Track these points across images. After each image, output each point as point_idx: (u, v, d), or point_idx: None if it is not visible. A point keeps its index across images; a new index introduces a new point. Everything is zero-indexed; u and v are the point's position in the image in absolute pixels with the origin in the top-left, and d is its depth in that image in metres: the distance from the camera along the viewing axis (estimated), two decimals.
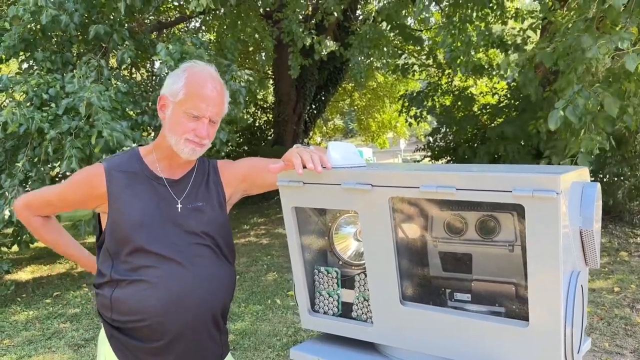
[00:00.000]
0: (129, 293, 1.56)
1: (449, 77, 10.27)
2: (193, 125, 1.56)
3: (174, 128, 1.57)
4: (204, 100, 1.56)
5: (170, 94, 1.59)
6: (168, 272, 1.56)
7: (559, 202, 1.11)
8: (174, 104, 1.58)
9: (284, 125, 13.02)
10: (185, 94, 1.56)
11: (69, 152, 4.53)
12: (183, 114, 1.56)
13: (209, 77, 1.60)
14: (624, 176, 8.23)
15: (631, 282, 5.42)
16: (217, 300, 1.65)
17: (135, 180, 1.62)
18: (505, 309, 1.37)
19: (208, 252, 1.64)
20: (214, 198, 1.71)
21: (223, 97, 1.63)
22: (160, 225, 1.59)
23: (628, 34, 3.62)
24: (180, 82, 1.57)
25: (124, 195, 1.59)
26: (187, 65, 1.63)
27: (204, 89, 1.57)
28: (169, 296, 1.55)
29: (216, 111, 1.60)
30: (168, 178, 1.65)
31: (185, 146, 1.57)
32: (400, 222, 1.49)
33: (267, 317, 4.86)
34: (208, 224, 1.66)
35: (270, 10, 9.12)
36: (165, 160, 1.65)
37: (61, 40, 5.82)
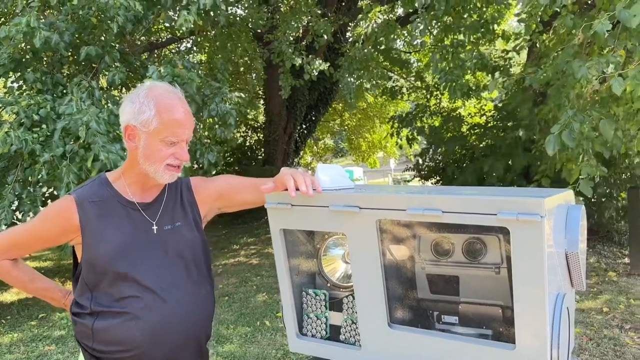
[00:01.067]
0: (112, 324, 1.54)
1: (437, 99, 10.39)
2: (172, 151, 1.56)
3: (152, 156, 1.55)
4: (179, 126, 1.55)
5: (141, 124, 1.54)
6: (151, 301, 1.55)
7: (543, 225, 1.13)
8: (148, 134, 1.54)
9: (275, 145, 13.04)
10: (160, 123, 1.53)
11: (67, 179, 4.51)
12: (160, 142, 1.54)
13: (177, 100, 1.58)
14: (612, 197, 8.32)
15: (620, 303, 5.43)
16: (199, 326, 1.64)
17: (107, 209, 1.59)
18: (492, 331, 1.37)
19: (187, 274, 1.64)
20: (190, 217, 1.70)
21: (191, 114, 1.62)
22: (139, 252, 1.58)
23: (615, 57, 3.70)
24: (151, 111, 1.53)
25: (98, 225, 1.57)
26: (147, 89, 1.57)
27: (177, 114, 1.55)
28: (153, 327, 1.54)
29: (190, 132, 1.60)
30: (140, 202, 1.63)
31: (165, 173, 1.57)
32: (388, 244, 1.49)
33: (256, 340, 4.81)
34: (187, 244, 1.66)
35: (261, 32, 9.21)
36: (137, 185, 1.64)
37: (52, 61, 5.82)
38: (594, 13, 4.30)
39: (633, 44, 3.70)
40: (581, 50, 4.51)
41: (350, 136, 20.10)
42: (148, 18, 5.96)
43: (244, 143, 14.70)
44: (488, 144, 8.67)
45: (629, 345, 4.32)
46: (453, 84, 6.45)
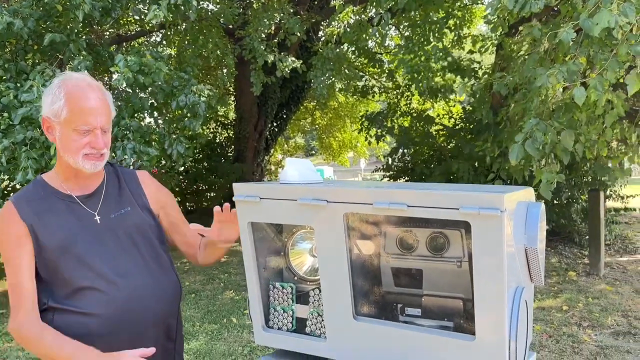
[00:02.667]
0: (70, 321, 1.52)
1: (407, 99, 10.52)
2: (86, 140, 1.52)
3: (69, 148, 1.53)
4: (90, 113, 1.52)
5: (54, 115, 1.52)
6: (107, 290, 1.53)
7: (503, 219, 1.17)
8: (60, 124, 1.52)
9: (245, 142, 12.97)
10: (70, 112, 1.50)
11: (24, 163, 4.39)
12: (73, 132, 1.52)
13: (87, 87, 1.54)
14: (574, 199, 8.58)
15: (579, 301, 5.61)
16: (163, 311, 1.63)
17: (47, 205, 1.57)
18: (453, 323, 1.41)
19: (143, 259, 1.62)
20: (139, 203, 1.69)
21: (107, 102, 1.58)
22: (87, 242, 1.56)
23: (576, 65, 3.82)
24: (60, 101, 1.51)
25: (40, 223, 1.54)
26: (60, 80, 1.55)
27: (87, 101, 1.52)
28: (112, 318, 1.53)
29: (105, 119, 1.56)
30: (80, 195, 1.61)
31: (85, 163, 1.54)
32: (354, 239, 1.52)
33: (222, 337, 4.79)
34: (138, 229, 1.64)
35: (233, 28, 9.15)
36: (72, 180, 1.61)
37: (15, 48, 5.67)
38: (559, 20, 4.43)
39: (594, 52, 3.82)
40: (546, 57, 4.63)
41: (321, 135, 20.14)
42: (116, 9, 5.85)
43: (214, 139, 14.57)
44: (456, 146, 8.82)
45: (586, 342, 4.47)
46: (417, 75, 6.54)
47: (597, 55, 3.72)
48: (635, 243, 8.94)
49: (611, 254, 8.03)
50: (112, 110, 1.61)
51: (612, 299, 5.69)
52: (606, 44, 3.85)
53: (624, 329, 4.76)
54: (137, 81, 4.96)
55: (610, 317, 5.08)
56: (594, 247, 6.94)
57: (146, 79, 5.01)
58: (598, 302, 5.56)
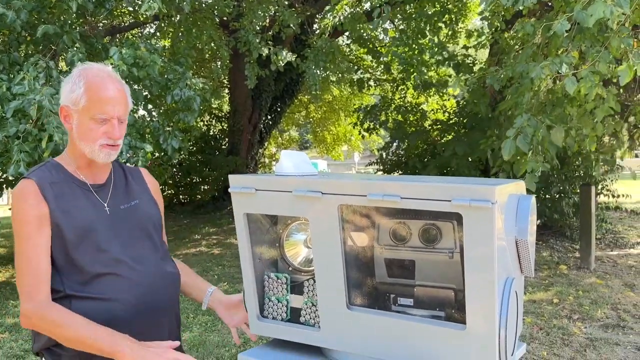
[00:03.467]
0: (90, 308, 1.50)
1: (401, 93, 10.54)
2: (104, 129, 1.54)
3: (85, 136, 1.55)
4: (108, 102, 1.54)
5: (72, 103, 1.55)
6: (127, 277, 1.55)
7: (495, 211, 1.19)
8: (78, 112, 1.54)
9: (239, 135, 12.97)
10: (88, 100, 1.53)
11: (17, 157, 4.38)
12: (91, 120, 1.54)
13: (107, 77, 1.58)
14: (566, 194, 8.65)
15: (569, 294, 5.68)
16: (173, 297, 1.68)
17: (65, 190, 1.57)
18: (445, 313, 1.43)
19: (154, 249, 1.66)
20: (147, 195, 1.73)
21: (125, 94, 1.61)
22: (105, 229, 1.57)
23: (569, 58, 3.85)
24: (80, 89, 1.53)
25: (61, 207, 1.53)
26: (80, 69, 1.58)
27: (106, 91, 1.54)
28: (136, 302, 1.54)
29: (122, 110, 1.58)
30: (93, 184, 1.63)
31: (100, 152, 1.56)
32: (349, 230, 1.54)
33: (216, 328, 4.82)
34: (148, 220, 1.68)
35: (227, 20, 9.12)
36: (87, 168, 1.62)
37: (8, 40, 5.63)
38: (552, 15, 4.45)
39: (586, 46, 3.85)
40: (539, 51, 4.66)
41: (316, 128, 20.15)
42: (110, 0, 5.82)
43: (208, 132, 14.55)
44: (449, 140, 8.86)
45: (576, 334, 4.53)
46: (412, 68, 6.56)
47: (589, 50, 3.75)
48: (625, 237, 9.03)
49: (602, 248, 8.12)
50: (129, 102, 1.63)
51: (602, 292, 5.76)
52: (598, 39, 3.89)
53: (614, 322, 4.83)
54: (131, 74, 4.95)
55: (600, 310, 5.15)
56: (585, 241, 7.01)
57: (140, 72, 5.00)
58: (588, 295, 5.63)
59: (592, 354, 4.12)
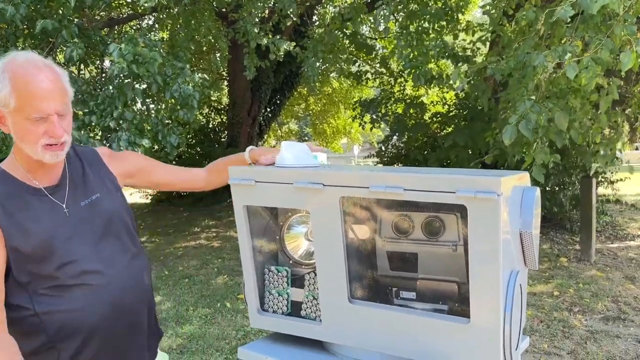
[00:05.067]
0: (64, 322, 1.44)
1: (401, 86, 10.49)
2: (42, 129, 1.38)
3: (25, 139, 1.40)
4: (42, 98, 1.36)
5: (1, 104, 1.37)
6: (95, 285, 1.47)
7: (500, 203, 1.17)
8: (11, 114, 1.38)
9: (239, 128, 12.91)
10: (17, 99, 1.35)
11: None
12: (26, 122, 1.37)
13: (33, 68, 1.38)
14: (565, 186, 8.63)
15: (570, 287, 5.67)
16: (147, 288, 1.63)
17: (19, 204, 1.44)
18: (448, 306, 1.42)
19: (121, 246, 1.56)
20: (107, 185, 1.61)
21: (60, 82, 1.42)
22: (65, 239, 1.46)
23: (571, 47, 3.81)
24: (6, 88, 1.35)
25: (14, 224, 1.41)
26: (4, 62, 1.39)
27: (36, 85, 1.36)
28: (109, 307, 1.48)
29: (59, 103, 1.40)
30: (47, 186, 1.50)
31: (44, 153, 1.40)
32: (350, 223, 1.51)
33: (216, 321, 4.81)
34: (111, 214, 1.56)
35: (226, 11, 9.05)
36: (38, 170, 1.48)
37: (6, 34, 5.58)
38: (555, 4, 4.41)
39: (590, 36, 3.81)
40: (541, 42, 4.62)
41: (315, 121, 20.09)
42: None
43: (207, 125, 14.49)
44: (449, 132, 8.83)
45: (576, 327, 4.52)
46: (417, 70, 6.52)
47: (593, 39, 3.71)
48: (626, 230, 9.02)
49: (602, 241, 8.11)
50: (67, 90, 1.45)
51: (603, 284, 5.75)
52: (601, 29, 3.85)
53: (614, 314, 4.82)
54: (131, 71, 4.90)
55: (601, 302, 5.14)
56: (585, 234, 7.00)
57: (140, 69, 4.96)
58: (589, 288, 5.62)
59: (592, 346, 4.11)
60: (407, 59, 6.56)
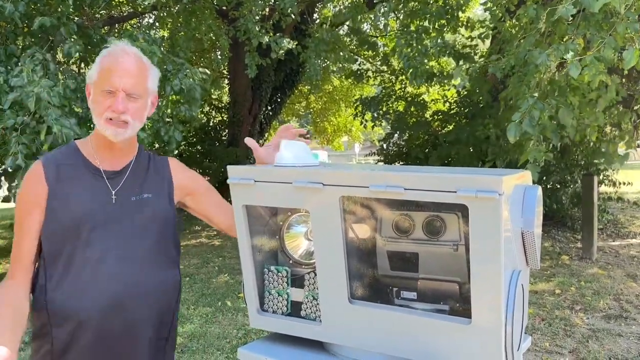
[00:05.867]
0: (64, 305, 1.47)
1: (402, 84, 10.47)
2: (108, 102, 1.49)
3: (95, 110, 1.52)
4: (116, 74, 1.49)
5: (89, 78, 1.55)
6: (105, 278, 1.49)
7: (501, 202, 1.15)
8: (92, 87, 1.54)
9: (239, 126, 12.89)
10: (99, 73, 1.51)
11: (14, 149, 4.34)
12: (99, 94, 1.50)
13: (121, 51, 1.53)
14: (566, 184, 8.61)
15: (571, 285, 5.66)
16: (158, 304, 1.59)
17: (74, 173, 1.54)
18: (449, 306, 1.40)
19: (151, 249, 1.58)
20: (165, 191, 1.65)
21: (143, 70, 1.55)
22: (99, 224, 1.51)
23: (573, 45, 3.80)
24: (96, 64, 1.54)
25: (61, 189, 1.50)
26: (105, 49, 1.58)
27: (115, 64, 1.50)
28: (108, 305, 1.49)
29: (132, 82, 1.50)
30: (108, 170, 1.58)
31: (106, 128, 1.51)
32: (350, 222, 1.50)
33: (217, 320, 4.80)
34: (154, 218, 1.60)
35: (226, 9, 9.03)
36: (105, 151, 1.58)
37: (5, 32, 5.57)
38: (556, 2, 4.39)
39: (592, 34, 3.79)
40: (543, 40, 4.60)
41: (316, 119, 20.07)
42: None
43: (208, 123, 14.48)
44: (450, 130, 8.81)
45: (578, 325, 4.51)
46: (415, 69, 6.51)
47: (595, 37, 3.70)
48: (628, 227, 9.01)
49: (604, 238, 8.09)
50: (148, 80, 1.57)
51: (605, 282, 5.74)
52: (603, 27, 3.83)
53: (616, 313, 4.81)
54: None
55: (603, 300, 5.13)
56: (587, 232, 6.98)
57: None
58: (590, 286, 5.61)
59: (594, 344, 4.10)
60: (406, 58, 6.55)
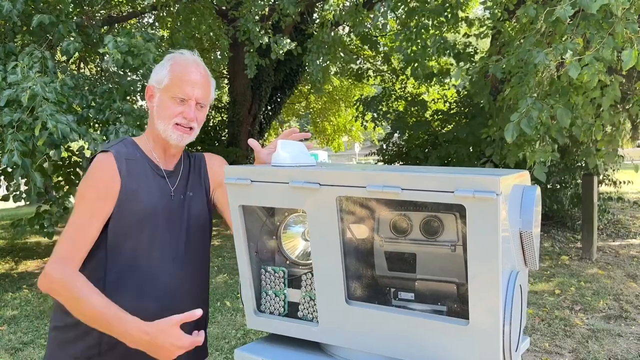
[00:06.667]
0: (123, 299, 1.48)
1: (402, 83, 10.46)
2: (180, 109, 1.57)
3: (162, 114, 1.58)
4: (189, 83, 1.58)
5: (156, 81, 1.61)
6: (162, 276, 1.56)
7: (499, 203, 1.14)
8: (160, 90, 1.59)
9: (239, 126, 12.89)
10: (171, 79, 1.58)
11: (10, 145, 4.33)
12: (170, 99, 1.57)
13: (193, 62, 1.62)
14: (566, 184, 8.60)
15: (571, 285, 5.65)
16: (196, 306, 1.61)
17: (139, 169, 1.59)
18: (447, 307, 1.39)
19: (193, 246, 1.65)
20: (203, 189, 1.72)
21: (209, 81, 1.65)
22: (162, 218, 1.58)
23: (573, 45, 3.79)
24: (165, 69, 1.59)
25: (131, 184, 1.55)
26: (172, 54, 1.66)
27: (188, 73, 1.59)
28: (162, 302, 1.55)
29: (202, 94, 1.61)
30: (165, 169, 1.65)
31: (173, 132, 1.58)
32: (347, 222, 1.49)
33: (216, 320, 4.79)
34: (197, 216, 1.67)
35: (226, 9, 9.02)
36: (160, 150, 1.65)
37: (4, 30, 5.57)
38: (555, 2, 4.38)
39: (591, 33, 3.78)
40: (543, 40, 4.60)
41: (316, 119, 20.06)
42: None
43: (207, 123, 14.47)
44: (450, 130, 8.80)
45: (578, 325, 4.50)
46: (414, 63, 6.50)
47: (594, 36, 3.69)
48: (628, 227, 9.00)
49: (603, 239, 8.08)
50: (211, 92, 1.66)
51: (604, 283, 5.73)
52: (602, 26, 3.82)
53: (616, 313, 4.80)
54: (126, 63, 4.89)
55: (602, 300, 5.12)
56: (587, 232, 6.97)
57: (135, 61, 4.94)
58: (590, 286, 5.60)
59: (594, 345, 4.09)
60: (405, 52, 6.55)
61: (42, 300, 5.51)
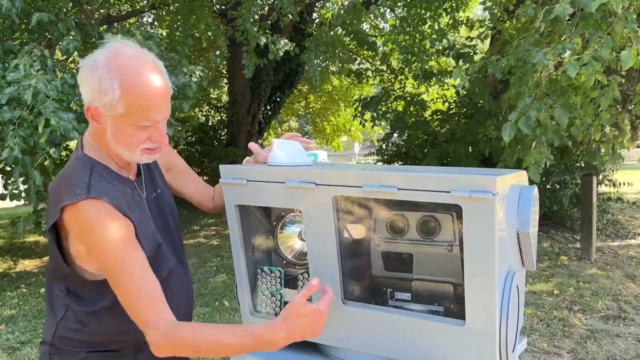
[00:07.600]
0: None
1: (401, 83, 10.45)
2: (146, 135, 1.30)
3: (124, 141, 1.31)
4: (153, 107, 1.27)
5: (104, 107, 1.25)
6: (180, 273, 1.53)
7: (495, 203, 1.14)
8: (113, 117, 1.27)
9: (238, 126, 12.87)
10: (128, 107, 1.24)
11: (11, 142, 4.32)
12: (130, 127, 1.28)
13: (148, 71, 1.27)
14: (566, 184, 8.59)
15: (570, 285, 5.64)
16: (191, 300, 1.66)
17: (128, 197, 1.38)
18: (443, 308, 1.39)
19: (177, 242, 1.58)
20: (163, 180, 1.60)
21: (167, 83, 1.32)
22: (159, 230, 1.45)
23: (571, 44, 3.79)
24: (115, 92, 1.23)
25: (131, 213, 1.35)
26: (108, 58, 1.26)
27: (149, 92, 1.25)
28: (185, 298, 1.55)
29: (167, 108, 1.32)
30: (130, 177, 1.45)
31: (142, 156, 1.34)
32: (344, 222, 1.49)
33: (214, 320, 4.79)
34: (170, 210, 1.57)
35: (225, 8, 9.01)
36: (122, 162, 1.42)
37: (3, 28, 5.56)
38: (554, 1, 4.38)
39: (590, 33, 3.78)
40: (542, 40, 4.59)
41: (315, 119, 20.04)
42: None
43: (207, 123, 14.45)
44: (450, 130, 8.79)
45: (577, 326, 4.49)
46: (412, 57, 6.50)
47: (593, 36, 3.68)
48: (627, 228, 8.99)
49: (602, 239, 8.07)
50: (170, 90, 1.35)
51: (603, 283, 5.72)
52: (601, 26, 3.81)
53: (615, 313, 4.79)
54: None
55: (601, 301, 5.11)
56: (586, 232, 6.96)
57: None
58: (589, 287, 5.59)
59: (592, 345, 4.08)
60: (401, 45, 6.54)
61: (40, 299, 5.50)
